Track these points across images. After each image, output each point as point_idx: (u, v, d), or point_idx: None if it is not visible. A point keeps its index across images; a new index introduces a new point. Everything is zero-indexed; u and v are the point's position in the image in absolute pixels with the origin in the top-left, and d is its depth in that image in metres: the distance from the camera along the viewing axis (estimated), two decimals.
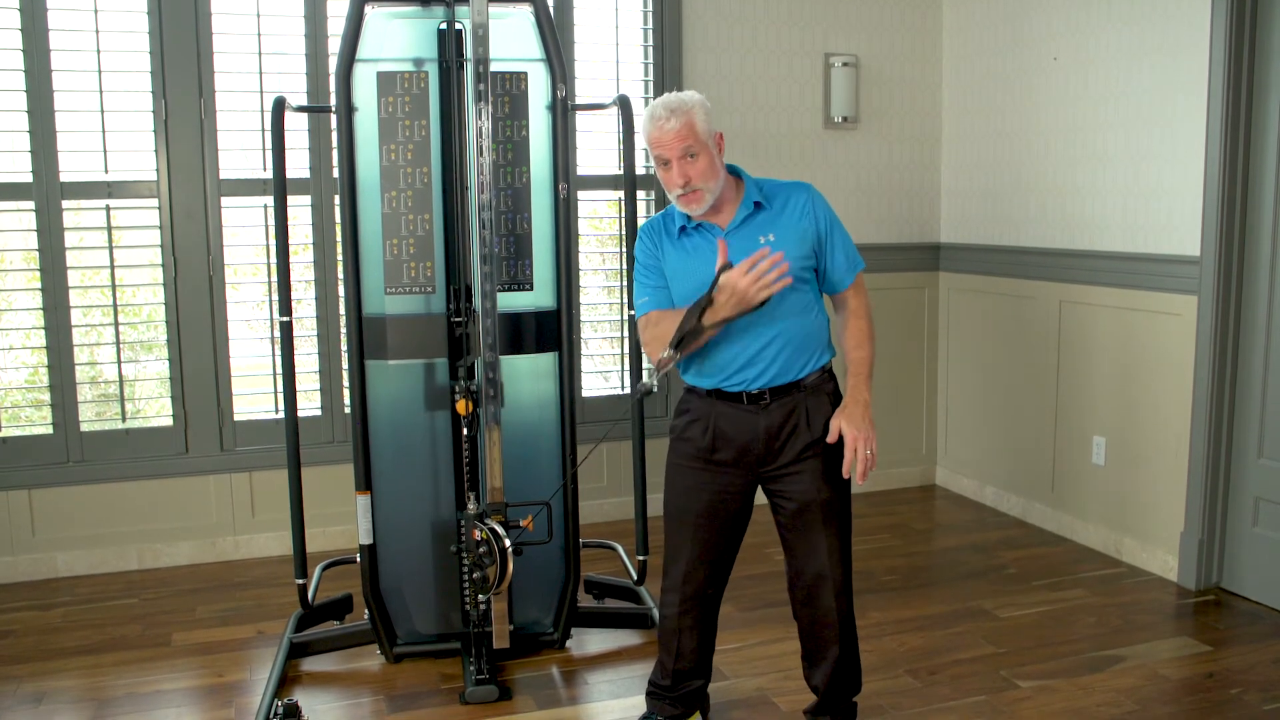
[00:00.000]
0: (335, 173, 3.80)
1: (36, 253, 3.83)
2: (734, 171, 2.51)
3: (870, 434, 2.38)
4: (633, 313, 3.15)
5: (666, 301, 2.48)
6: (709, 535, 2.55)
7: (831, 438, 2.41)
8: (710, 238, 2.44)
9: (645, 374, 2.86)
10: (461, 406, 2.92)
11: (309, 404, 4.13)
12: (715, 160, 2.39)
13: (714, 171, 2.38)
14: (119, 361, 3.95)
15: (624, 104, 3.32)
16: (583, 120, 4.37)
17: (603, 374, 4.60)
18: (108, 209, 3.89)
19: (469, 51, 2.86)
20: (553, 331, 3.18)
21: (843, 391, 2.49)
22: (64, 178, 3.83)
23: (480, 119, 2.76)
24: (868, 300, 2.56)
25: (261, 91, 3.94)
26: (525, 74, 3.11)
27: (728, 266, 2.28)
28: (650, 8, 4.41)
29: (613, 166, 4.42)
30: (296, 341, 3.43)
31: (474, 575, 2.78)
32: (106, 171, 3.87)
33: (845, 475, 2.40)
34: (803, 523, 2.50)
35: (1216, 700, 2.94)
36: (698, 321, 2.31)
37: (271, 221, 3.87)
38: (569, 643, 3.32)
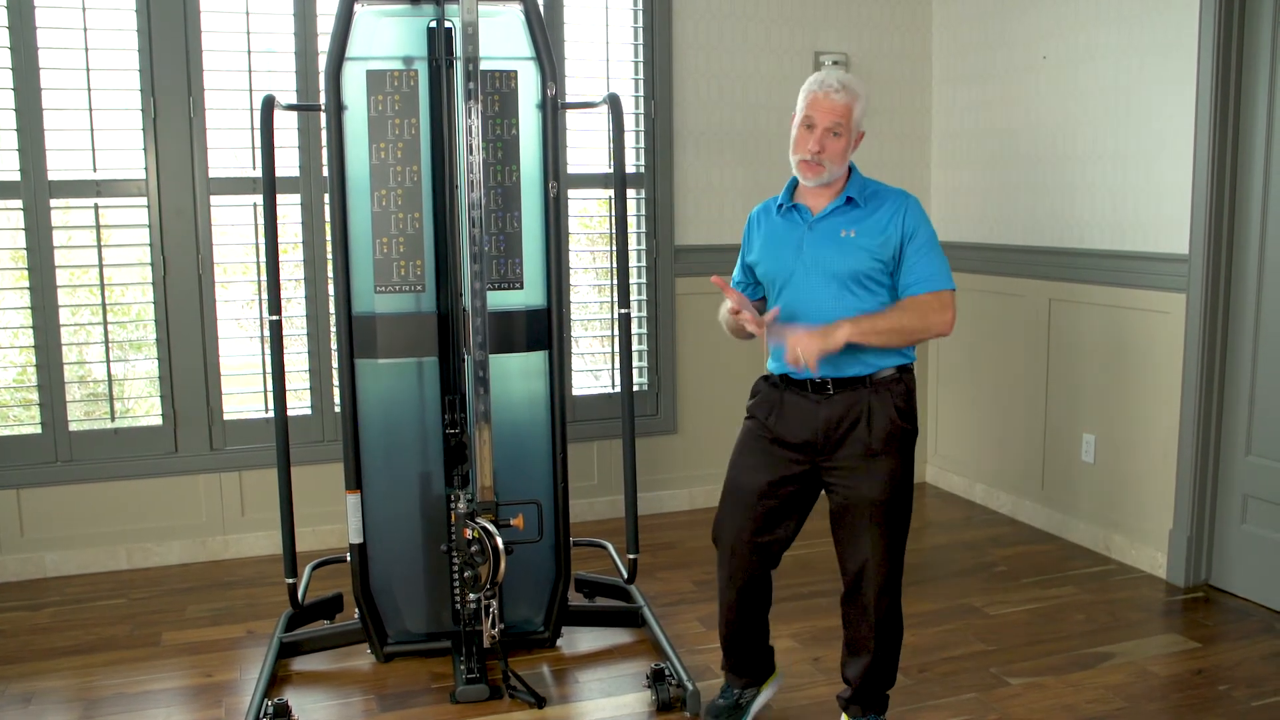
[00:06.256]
0: (325, 171, 3.79)
1: (24, 251, 3.82)
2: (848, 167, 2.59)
3: (809, 341, 2.36)
4: (624, 310, 3.24)
5: (750, 294, 2.69)
6: (759, 514, 2.58)
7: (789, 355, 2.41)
8: (798, 223, 2.56)
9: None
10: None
11: (299, 403, 4.13)
12: (848, 150, 2.52)
13: (842, 158, 2.51)
14: (108, 360, 3.93)
15: (614, 102, 3.32)
16: (573, 119, 4.36)
17: (593, 372, 4.60)
18: (96, 208, 3.87)
19: (458, 50, 2.86)
20: (543, 330, 3.18)
21: (912, 397, 2.59)
22: (52, 176, 3.81)
23: (470, 117, 2.76)
24: (941, 314, 2.48)
25: (251, 90, 3.93)
26: (515, 72, 3.10)
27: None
28: (640, 6, 4.40)
29: (603, 165, 4.42)
30: (286, 340, 3.43)
31: (465, 574, 2.78)
32: (95, 170, 3.86)
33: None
34: (852, 519, 2.54)
35: (1205, 697, 2.95)
36: None
37: (261, 220, 3.86)
38: (559, 641, 3.32)
